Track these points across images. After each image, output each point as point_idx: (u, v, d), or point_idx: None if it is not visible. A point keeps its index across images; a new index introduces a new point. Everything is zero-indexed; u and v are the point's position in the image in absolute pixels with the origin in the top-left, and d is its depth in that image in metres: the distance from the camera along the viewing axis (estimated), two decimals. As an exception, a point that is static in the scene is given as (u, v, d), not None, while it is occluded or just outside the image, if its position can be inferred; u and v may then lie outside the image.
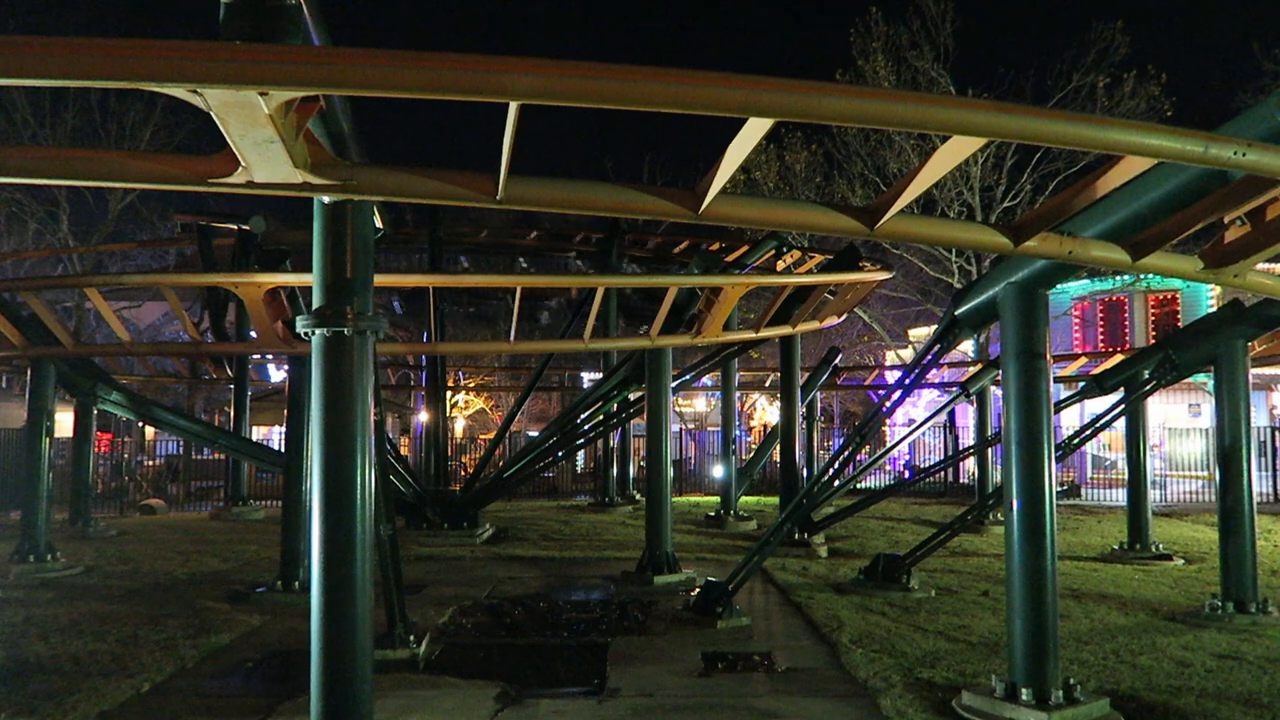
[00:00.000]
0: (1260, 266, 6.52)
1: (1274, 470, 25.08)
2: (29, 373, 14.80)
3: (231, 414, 23.64)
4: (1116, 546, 15.41)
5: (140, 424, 27.64)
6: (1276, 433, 25.98)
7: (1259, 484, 13.42)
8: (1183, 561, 14.60)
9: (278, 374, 34.49)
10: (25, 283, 15.98)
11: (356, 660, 5.88)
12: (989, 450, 18.77)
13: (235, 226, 18.21)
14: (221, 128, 4.13)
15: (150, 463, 30.19)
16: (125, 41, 3.62)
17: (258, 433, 28.93)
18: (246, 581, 12.53)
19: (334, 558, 5.86)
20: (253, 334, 13.31)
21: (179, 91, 3.75)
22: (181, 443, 27.28)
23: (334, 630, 5.83)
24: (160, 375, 27.60)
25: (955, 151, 4.76)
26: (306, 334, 6.00)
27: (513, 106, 4.03)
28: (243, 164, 4.52)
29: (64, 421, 17.56)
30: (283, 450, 13.32)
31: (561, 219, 28.57)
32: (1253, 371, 11.31)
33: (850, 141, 29.84)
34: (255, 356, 26.70)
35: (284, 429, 12.69)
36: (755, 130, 4.34)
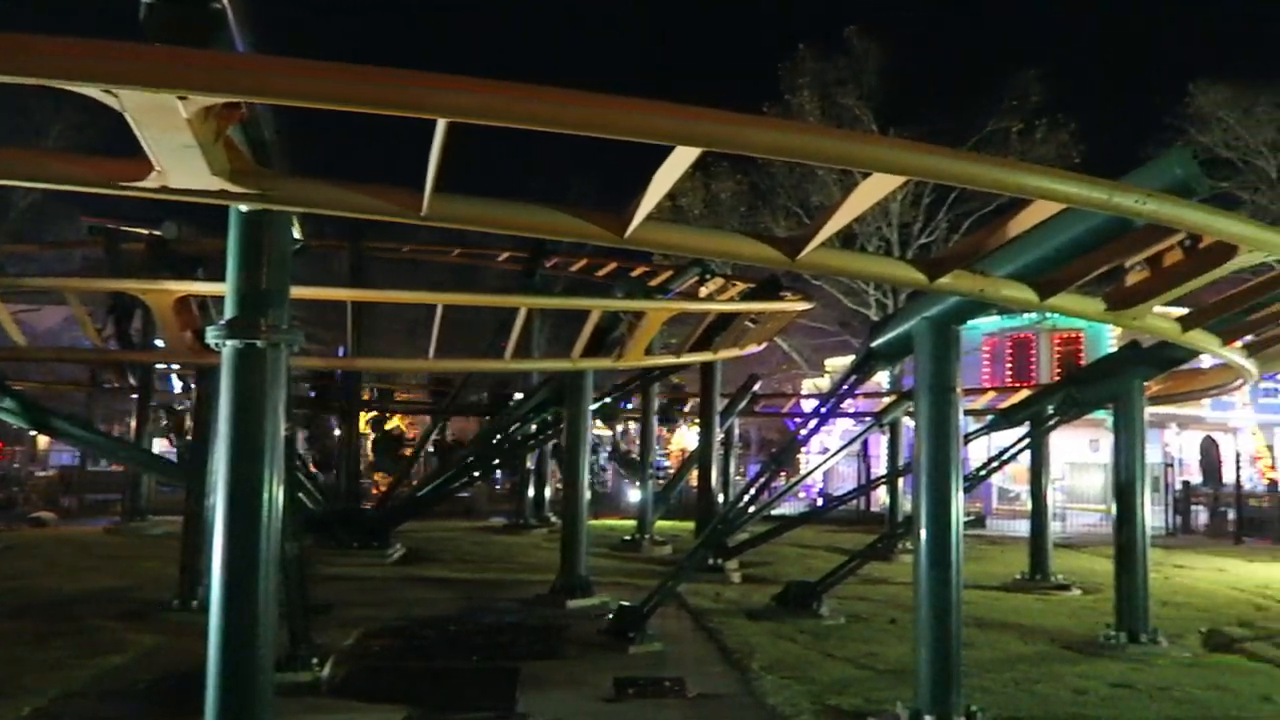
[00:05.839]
0: (1157, 310, 6.85)
1: (1166, 505, 26.16)
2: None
3: (133, 425, 22.76)
4: (1019, 576, 15.84)
5: (33, 433, 26.41)
6: (1169, 469, 27.15)
7: (1153, 518, 13.98)
8: (1080, 592, 15.08)
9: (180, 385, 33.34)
10: (-86, 280, 15.19)
11: (257, 683, 5.69)
12: (900, 480, 19.12)
13: (146, 231, 17.60)
14: (135, 130, 4.00)
15: (42, 473, 28.85)
16: (39, 38, 3.49)
17: (159, 445, 27.87)
18: (144, 599, 12.00)
19: (236, 575, 5.66)
20: (159, 343, 12.86)
21: (93, 91, 3.62)
22: (76, 453, 26.11)
23: (234, 651, 5.63)
24: (58, 383, 26.39)
25: (875, 188, 4.90)
26: (217, 345, 5.82)
27: (441, 124, 4.00)
28: (157, 168, 4.38)
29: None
30: (186, 463, 12.87)
31: (485, 237, 28.35)
32: (1148, 410, 11.81)
33: (776, 173, 30.39)
34: (161, 366, 25.80)
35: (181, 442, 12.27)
36: (683, 158, 4.39)
